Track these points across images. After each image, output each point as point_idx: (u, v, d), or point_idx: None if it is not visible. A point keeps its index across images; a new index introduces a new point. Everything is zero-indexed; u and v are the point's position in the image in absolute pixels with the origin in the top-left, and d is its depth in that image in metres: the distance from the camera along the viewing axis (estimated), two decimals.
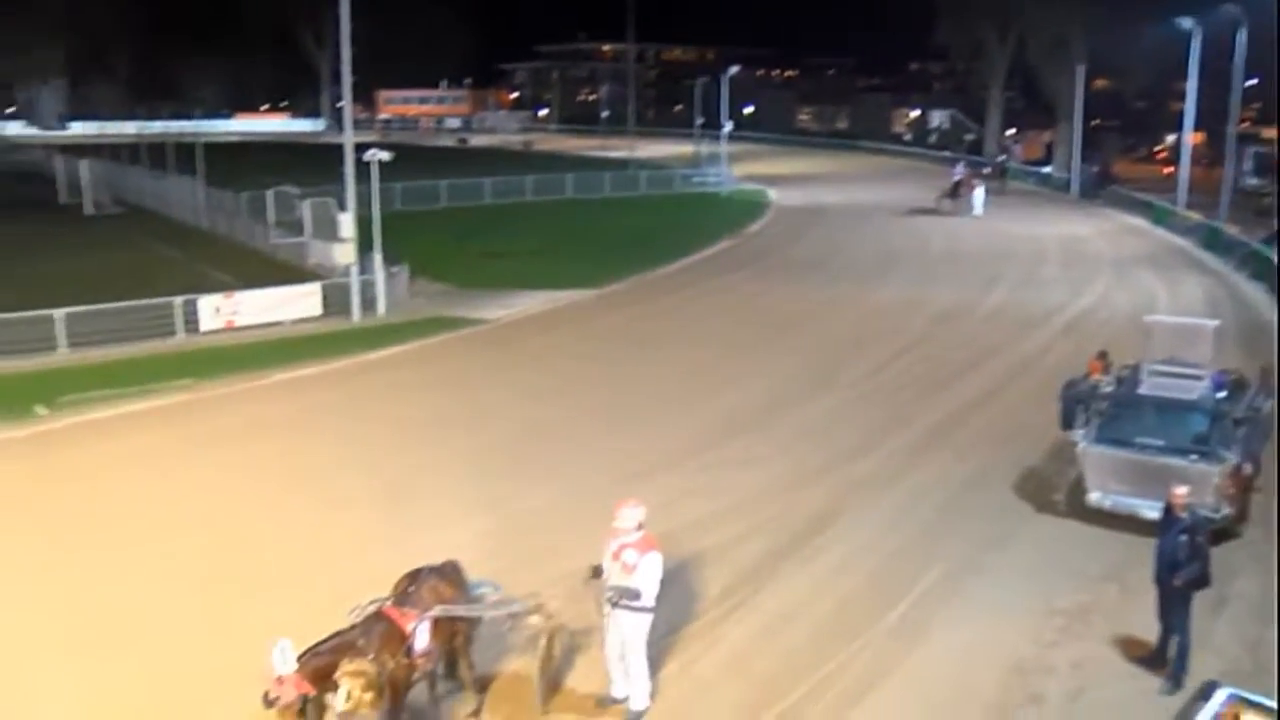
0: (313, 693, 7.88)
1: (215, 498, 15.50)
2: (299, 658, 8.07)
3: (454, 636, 9.73)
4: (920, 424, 18.46)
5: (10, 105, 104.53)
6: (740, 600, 12.36)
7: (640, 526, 9.80)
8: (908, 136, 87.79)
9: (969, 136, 75.57)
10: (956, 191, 45.77)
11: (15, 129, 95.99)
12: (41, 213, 45.56)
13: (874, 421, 18.63)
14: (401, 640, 8.91)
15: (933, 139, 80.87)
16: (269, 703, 7.85)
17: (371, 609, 9.17)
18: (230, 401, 20.40)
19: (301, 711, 7.85)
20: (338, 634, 8.64)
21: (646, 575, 9.73)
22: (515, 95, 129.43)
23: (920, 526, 14.36)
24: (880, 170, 66.47)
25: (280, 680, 7.80)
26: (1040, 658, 11.16)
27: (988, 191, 46.11)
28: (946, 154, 69.96)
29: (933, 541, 13.86)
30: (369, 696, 7.27)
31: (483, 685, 10.41)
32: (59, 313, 23.25)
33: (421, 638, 9.15)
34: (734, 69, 63.19)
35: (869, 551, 13.62)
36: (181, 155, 48.77)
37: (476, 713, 10.10)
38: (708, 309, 28.38)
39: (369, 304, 27.57)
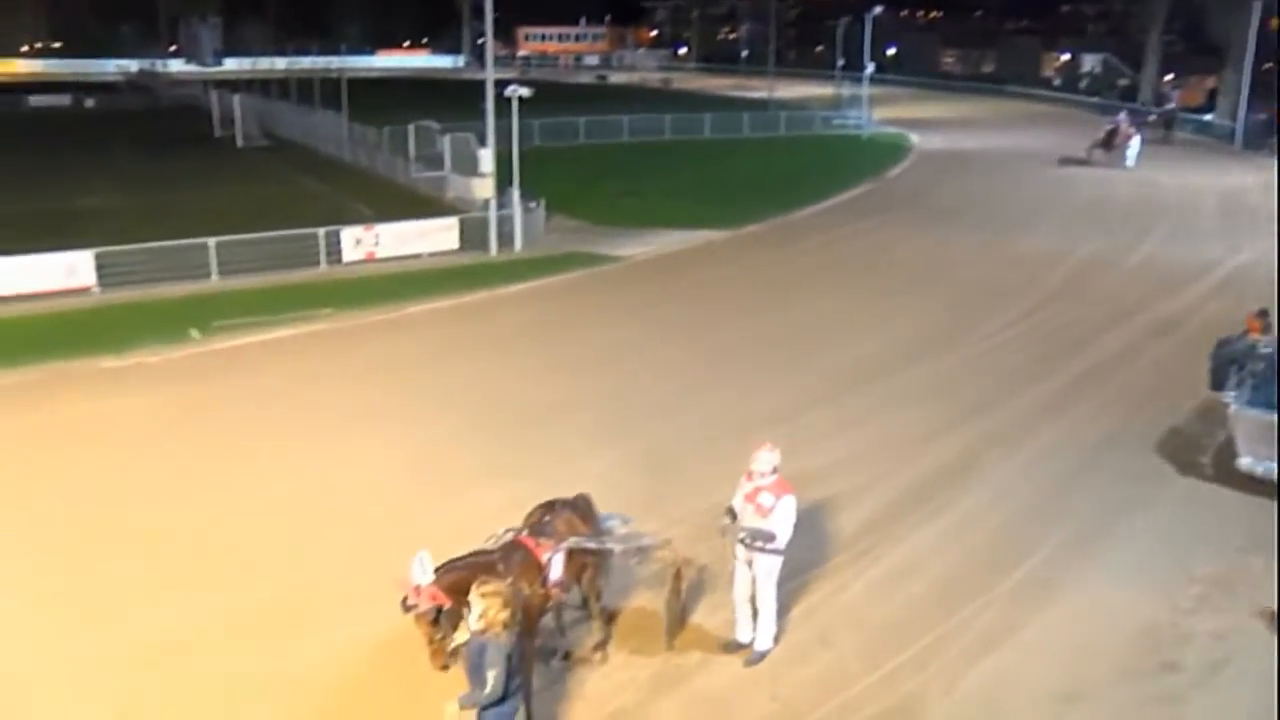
0: (447, 604, 8.04)
1: (353, 424, 16.01)
2: (436, 570, 8.26)
3: (584, 568, 9.84)
4: (1058, 379, 17.89)
5: (172, 44, 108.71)
6: (864, 549, 12.25)
7: (775, 470, 9.81)
8: (1057, 82, 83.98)
9: (1122, 82, 72.21)
10: (1110, 141, 43.19)
11: (176, 66, 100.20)
12: (198, 146, 47.58)
13: (1009, 374, 18.13)
14: (538, 570, 9.04)
15: (1084, 84, 77.43)
16: (406, 608, 8.08)
17: (508, 537, 9.33)
18: (370, 332, 21.05)
19: (435, 621, 8.03)
20: (477, 553, 8.79)
21: (781, 518, 9.73)
22: (654, 33, 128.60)
23: (1052, 484, 13.96)
24: (1027, 116, 64.11)
25: (418, 590, 8.00)
26: (1176, 625, 10.76)
27: (1144, 141, 43.66)
28: (1097, 100, 67.06)
29: (1065, 500, 13.47)
30: (504, 617, 7.39)
31: (610, 618, 10.56)
32: (211, 241, 24.24)
33: (556, 568, 9.28)
34: (877, 9, 61.19)
35: (998, 507, 13.32)
36: (327, 91, 50.18)
37: (603, 645, 10.23)
38: (843, 254, 27.97)
39: (506, 239, 27.93)
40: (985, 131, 55.73)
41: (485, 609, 7.43)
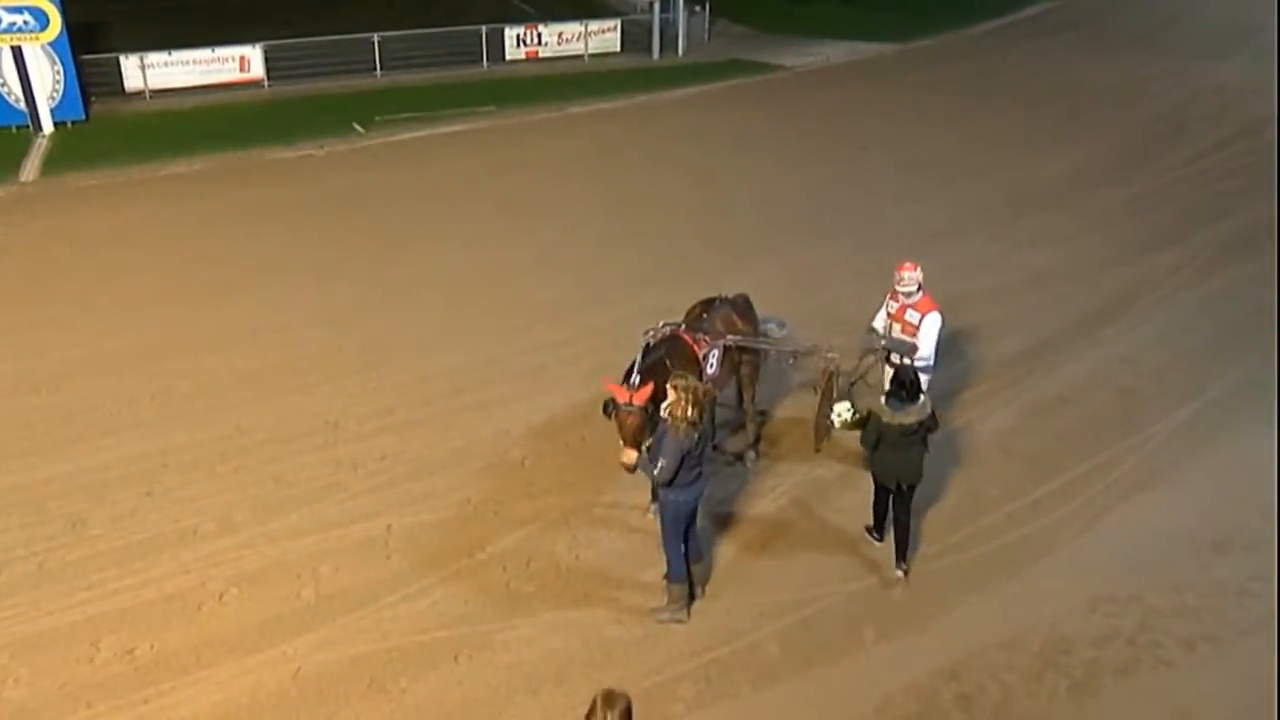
0: (649, 406, 8.12)
1: (512, 220, 16.30)
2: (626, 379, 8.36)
3: (740, 367, 9.88)
4: (1238, 219, 16.71)
5: None
6: (1016, 377, 11.96)
7: (920, 288, 9.63)
8: None
9: None
10: None
11: None
12: None
13: (1185, 212, 17.04)
14: (695, 365, 9.05)
15: None
16: (617, 411, 8.19)
17: (666, 330, 9.35)
18: (532, 130, 21.08)
19: (643, 425, 8.13)
20: (644, 355, 8.75)
21: (927, 334, 9.61)
22: None
23: (1222, 328, 13.22)
24: None
25: (628, 395, 8.10)
26: None
27: None
28: None
29: (1233, 346, 12.76)
30: (691, 414, 7.53)
31: (762, 419, 10.69)
32: (376, 36, 24.27)
33: (713, 364, 9.33)
34: None
35: (1163, 345, 12.76)
36: None
37: (754, 445, 10.36)
38: (1017, 76, 26.31)
39: (669, 43, 27.36)
40: None
41: (675, 402, 7.53)
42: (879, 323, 9.96)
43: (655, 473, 7.67)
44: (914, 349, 9.62)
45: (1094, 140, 20.86)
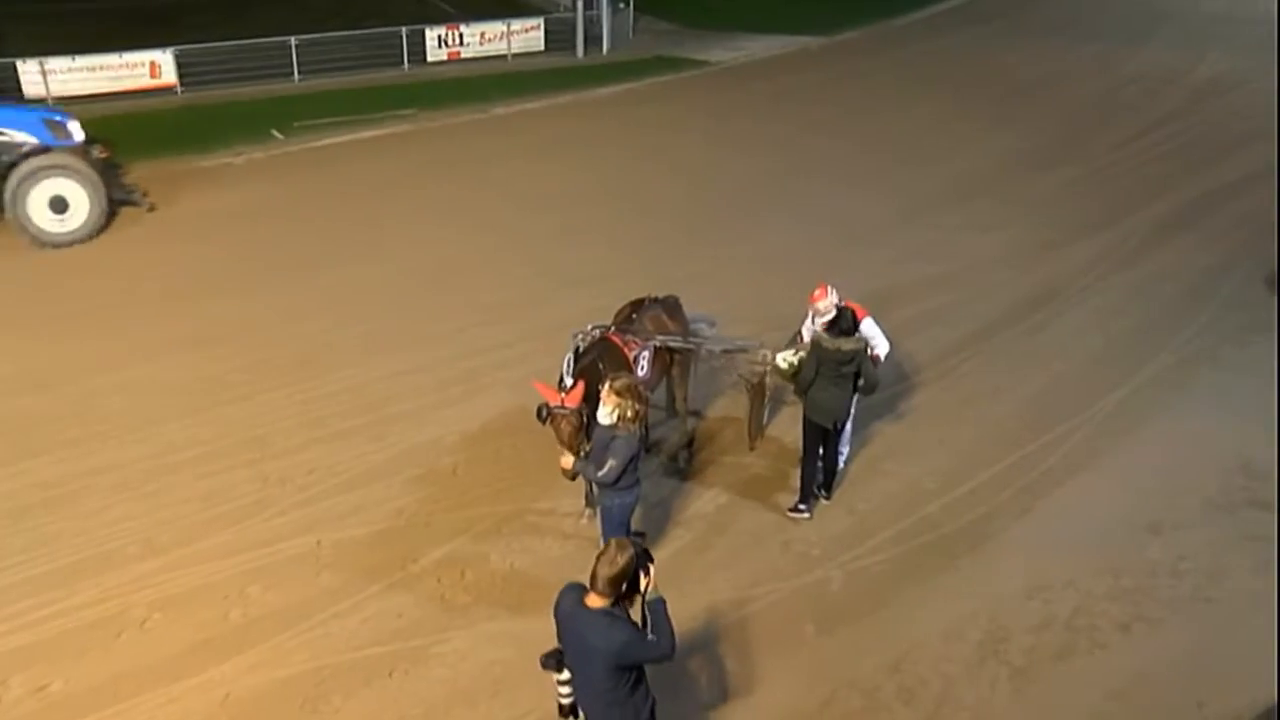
0: (583, 408, 8.14)
1: (439, 224, 16.28)
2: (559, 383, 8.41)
3: (671, 367, 9.96)
4: (1169, 202, 17.21)
5: None
6: (951, 367, 12.20)
7: (837, 308, 9.36)
8: None
9: None
10: None
11: None
12: None
13: (1116, 196, 17.47)
14: (627, 366, 9.10)
15: None
16: (549, 416, 8.20)
17: (595, 334, 9.42)
18: (456, 132, 21.00)
19: (579, 426, 8.13)
20: (576, 359, 8.80)
21: (874, 333, 9.57)
22: None
23: (1156, 310, 13.61)
24: None
25: (561, 398, 8.16)
26: (1274, 462, 10.40)
27: None
28: None
29: (1168, 327, 13.14)
30: (633, 412, 7.56)
31: (695, 419, 10.77)
32: (293, 40, 24.00)
33: (644, 365, 9.38)
34: None
35: (1095, 330, 13.09)
36: None
37: (689, 444, 10.41)
38: (944, 66, 26.76)
39: (593, 41, 27.38)
40: None
41: (618, 403, 7.55)
42: (807, 331, 9.88)
43: (601, 475, 7.66)
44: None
45: (1025, 126, 21.32)
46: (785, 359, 9.67)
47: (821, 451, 9.50)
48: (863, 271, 13.86)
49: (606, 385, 7.72)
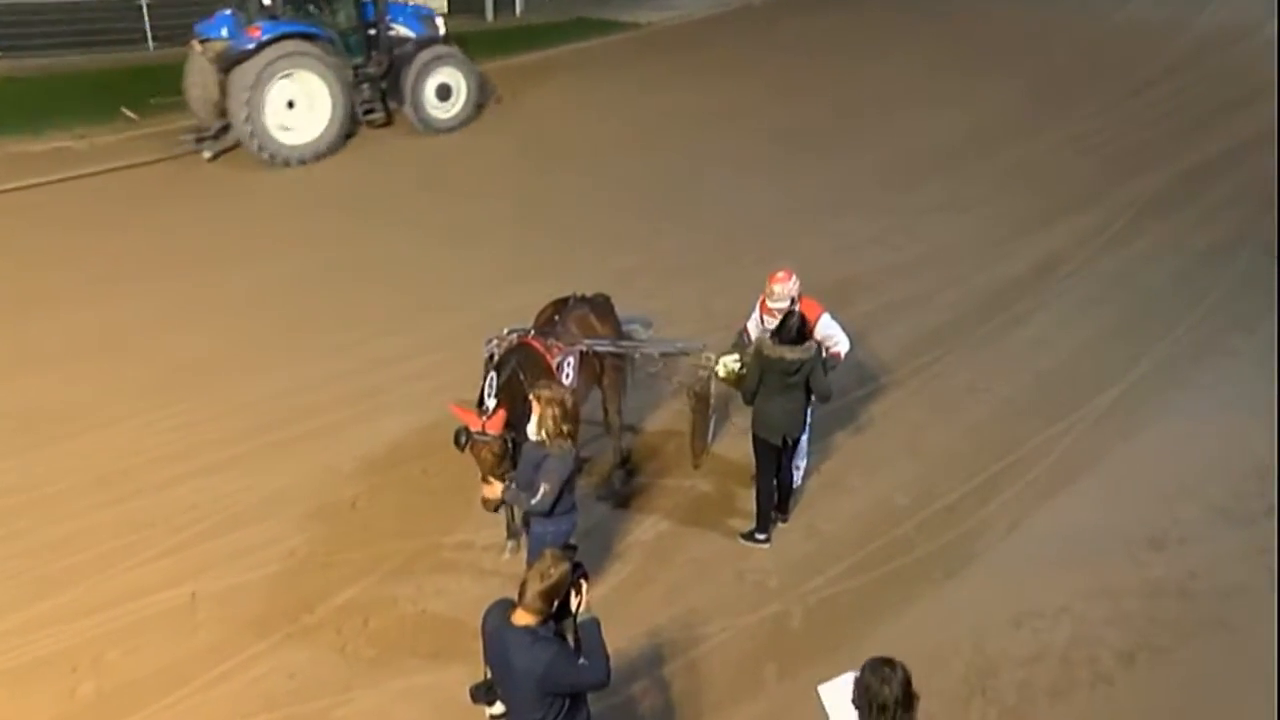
0: (507, 433, 8.14)
1: (334, 219, 16.24)
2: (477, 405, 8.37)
3: (601, 376, 9.91)
4: (1158, 174, 17.61)
5: None
6: (920, 366, 12.31)
7: (794, 302, 9.44)
8: None
9: None
10: None
11: None
12: None
13: (1102, 168, 17.86)
14: (550, 376, 8.98)
15: None
16: (469, 442, 8.17)
17: (513, 338, 9.36)
18: None
19: (503, 453, 8.14)
20: (495, 373, 8.69)
21: (832, 331, 9.60)
22: None
23: (1144, 298, 13.88)
24: None
25: (481, 421, 8.10)
26: None
27: None
28: None
29: (1159, 317, 13.40)
30: (567, 427, 7.59)
31: (631, 434, 10.78)
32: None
33: (569, 374, 9.29)
34: None
35: (1081, 323, 13.31)
36: None
37: (624, 464, 10.41)
38: (908, 23, 27.18)
39: (504, 3, 27.31)
40: None
41: (543, 416, 7.56)
42: (753, 329, 9.91)
43: (535, 502, 7.63)
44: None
45: (997, 90, 21.71)
46: (726, 364, 9.70)
47: (777, 478, 9.54)
48: (816, 259, 13.92)
49: (534, 393, 7.73)
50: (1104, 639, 8.64)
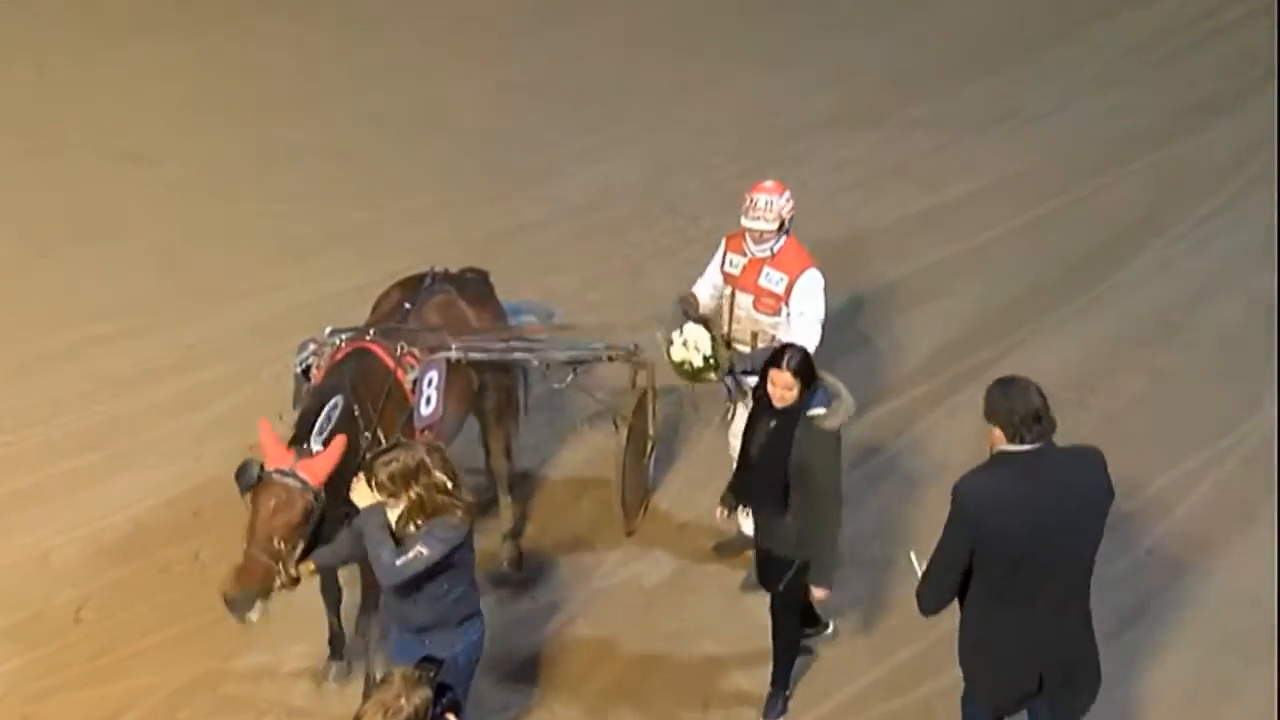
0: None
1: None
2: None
3: (481, 395, 9.24)
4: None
5: None
6: (963, 373, 11.63)
7: (784, 225, 8.85)
8: None
9: None
10: None
11: None
12: None
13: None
14: (403, 401, 8.29)
15: None
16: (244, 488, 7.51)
17: (342, 343, 8.60)
18: None
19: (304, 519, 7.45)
20: (317, 396, 8.11)
21: (812, 298, 8.81)
22: None
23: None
24: None
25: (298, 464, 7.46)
26: None
27: None
28: None
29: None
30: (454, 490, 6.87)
31: (526, 485, 10.25)
32: None
33: (429, 395, 8.46)
34: None
35: (1211, 301, 12.95)
36: None
37: (516, 535, 9.79)
38: None
39: None
40: None
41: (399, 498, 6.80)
42: (704, 292, 9.26)
43: (400, 562, 6.68)
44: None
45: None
46: (685, 343, 8.91)
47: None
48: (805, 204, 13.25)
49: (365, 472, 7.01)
50: None
